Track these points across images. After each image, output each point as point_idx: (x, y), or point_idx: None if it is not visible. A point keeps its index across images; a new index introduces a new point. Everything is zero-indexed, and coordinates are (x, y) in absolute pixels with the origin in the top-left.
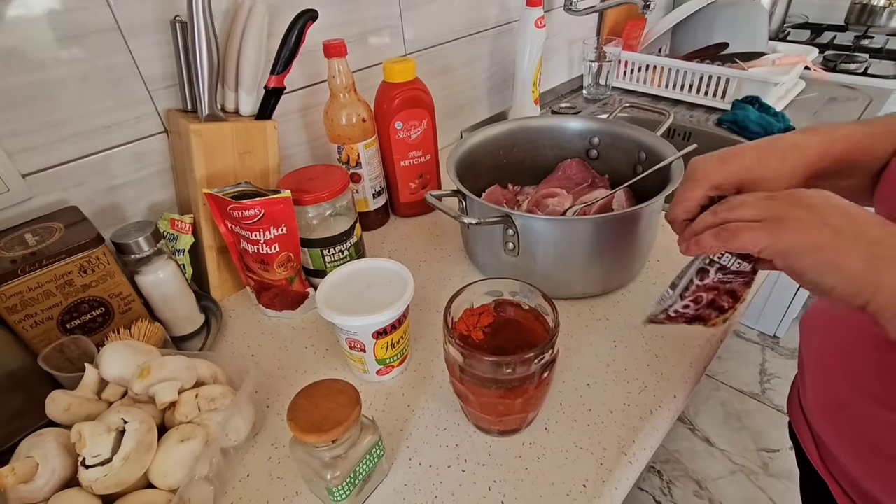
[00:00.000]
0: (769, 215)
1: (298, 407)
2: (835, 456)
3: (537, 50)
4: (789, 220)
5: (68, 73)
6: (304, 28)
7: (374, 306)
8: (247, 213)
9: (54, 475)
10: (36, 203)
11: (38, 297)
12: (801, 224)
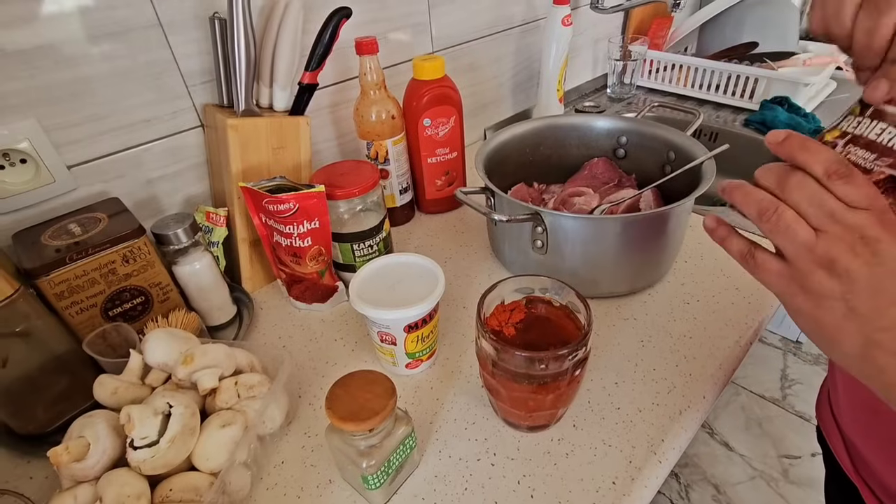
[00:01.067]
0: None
1: (336, 396)
2: (867, 461)
3: (563, 48)
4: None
5: (111, 68)
6: (338, 25)
7: (406, 300)
8: (281, 207)
9: (104, 455)
10: (79, 194)
11: (83, 285)
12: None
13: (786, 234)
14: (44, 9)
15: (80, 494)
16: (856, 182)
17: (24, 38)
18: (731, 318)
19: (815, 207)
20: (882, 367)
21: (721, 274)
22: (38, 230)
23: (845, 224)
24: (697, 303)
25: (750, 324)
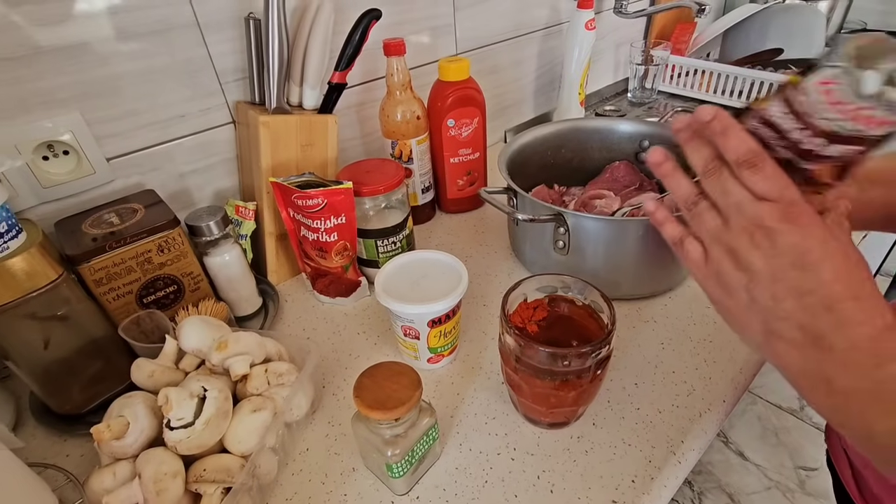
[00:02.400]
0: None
1: (364, 385)
2: (874, 492)
3: (586, 52)
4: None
5: (151, 65)
6: (368, 27)
7: (430, 296)
8: (310, 202)
9: (142, 434)
10: (117, 185)
11: (121, 273)
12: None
13: (699, 223)
14: (91, 7)
15: (118, 471)
16: (764, 172)
17: (72, 34)
18: None
19: (724, 197)
20: (781, 354)
21: None
22: (78, 219)
23: (748, 215)
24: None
25: None
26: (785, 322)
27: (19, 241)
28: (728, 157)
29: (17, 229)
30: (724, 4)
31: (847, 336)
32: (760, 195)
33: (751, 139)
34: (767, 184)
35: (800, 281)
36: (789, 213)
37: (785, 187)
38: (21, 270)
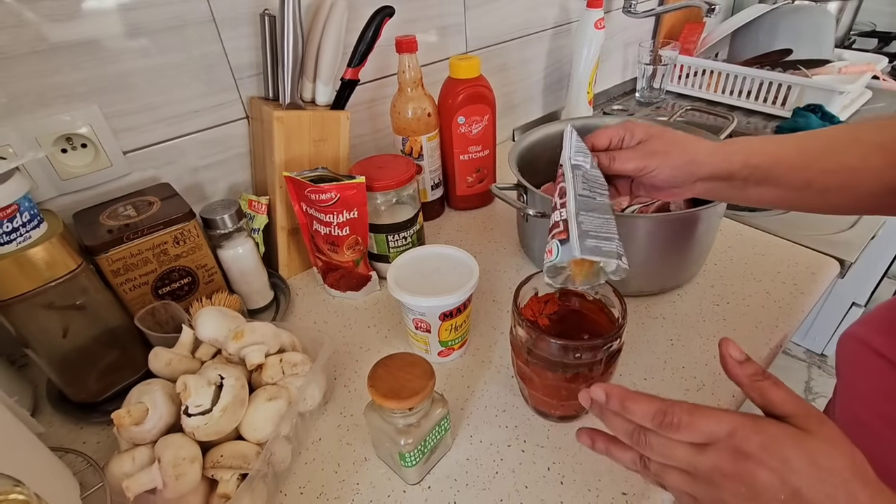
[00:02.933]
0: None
1: (378, 376)
2: None
3: (595, 51)
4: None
5: (167, 61)
6: (381, 24)
7: (441, 289)
8: (323, 197)
9: (161, 420)
10: (133, 178)
11: (137, 263)
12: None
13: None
14: (108, 3)
15: (137, 456)
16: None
17: (90, 30)
18: (762, 321)
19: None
20: None
21: (752, 278)
22: (96, 210)
23: (704, 470)
24: (727, 304)
25: (781, 327)
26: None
27: (40, 231)
28: (647, 425)
29: (38, 219)
30: (733, 4)
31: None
32: (700, 443)
33: (651, 401)
34: (694, 433)
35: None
36: (739, 455)
37: (713, 426)
38: (42, 260)
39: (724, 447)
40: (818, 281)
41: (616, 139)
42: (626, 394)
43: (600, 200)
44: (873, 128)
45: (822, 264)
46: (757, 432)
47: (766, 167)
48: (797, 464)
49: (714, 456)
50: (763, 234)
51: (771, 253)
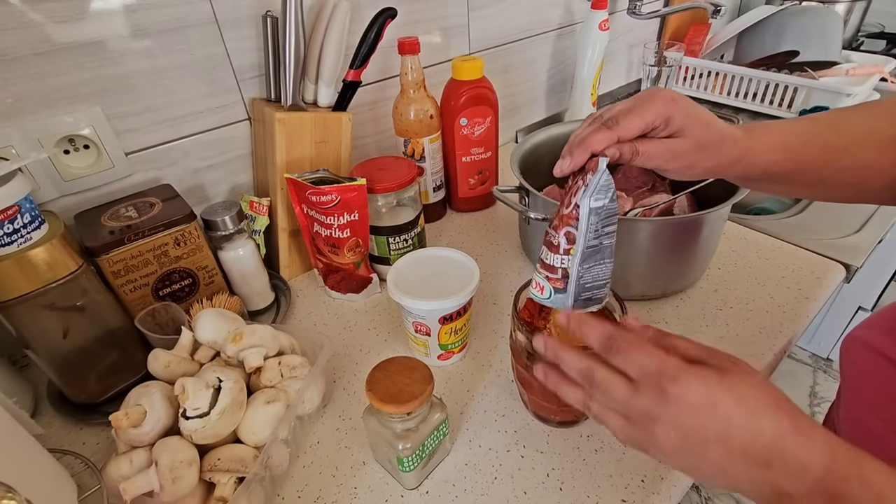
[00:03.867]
0: (630, 416)
1: (376, 379)
2: None
3: (599, 53)
4: (648, 435)
5: (170, 62)
6: (383, 25)
7: (441, 293)
8: (324, 199)
9: (159, 423)
10: (135, 179)
11: (138, 265)
12: (659, 449)
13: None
14: (111, 5)
15: (135, 458)
16: (624, 355)
17: (93, 31)
18: (765, 326)
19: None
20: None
21: (755, 282)
22: (97, 212)
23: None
24: (731, 309)
25: (785, 332)
26: (742, 482)
27: (41, 233)
28: (593, 346)
29: (39, 220)
30: (740, 6)
31: (796, 483)
32: (633, 378)
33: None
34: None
35: (724, 452)
36: (667, 397)
37: (645, 359)
38: (42, 261)
39: (653, 387)
40: (823, 286)
41: (648, 128)
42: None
43: (607, 244)
44: (889, 118)
45: (827, 269)
46: (683, 372)
47: (787, 171)
48: (723, 401)
49: (645, 399)
50: (768, 238)
51: (775, 257)
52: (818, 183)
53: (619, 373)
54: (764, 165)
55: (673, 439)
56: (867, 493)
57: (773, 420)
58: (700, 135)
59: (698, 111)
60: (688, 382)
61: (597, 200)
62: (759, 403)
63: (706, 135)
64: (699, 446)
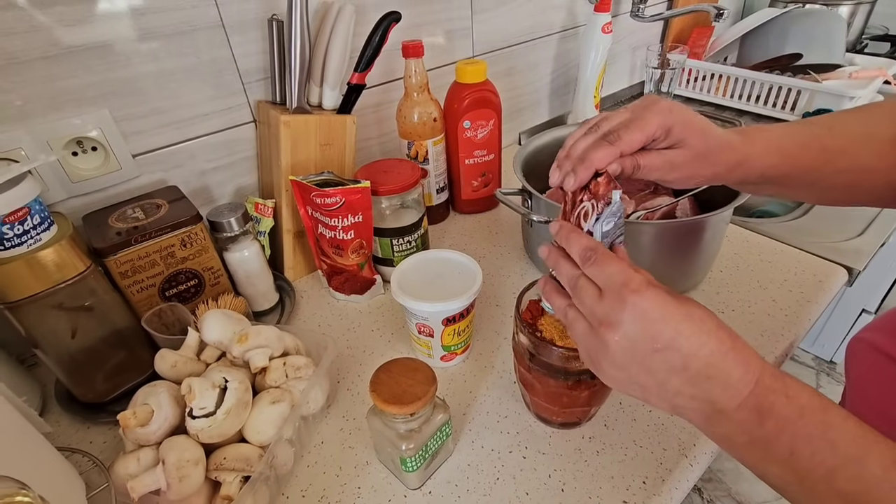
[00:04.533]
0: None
1: (380, 381)
2: None
3: (602, 55)
4: (602, 342)
5: (177, 65)
6: (388, 28)
7: (445, 294)
8: (328, 201)
9: (166, 422)
10: (142, 181)
11: (145, 266)
12: (608, 359)
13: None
14: (119, 8)
15: (142, 457)
16: (599, 266)
17: (101, 35)
18: (767, 329)
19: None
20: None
21: (758, 285)
22: (105, 213)
23: (598, 317)
24: (732, 312)
25: (787, 335)
26: (679, 397)
27: (51, 234)
28: (574, 257)
29: (49, 222)
30: (743, 8)
31: (731, 396)
32: (601, 287)
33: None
34: (600, 273)
35: (668, 363)
36: (624, 304)
37: (612, 274)
38: (52, 262)
39: (615, 295)
40: (825, 289)
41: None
42: (573, 228)
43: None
44: (888, 119)
45: (829, 272)
46: (645, 287)
47: (783, 174)
48: (674, 314)
49: (605, 306)
50: (770, 241)
51: (778, 260)
52: (812, 185)
53: (594, 283)
54: (761, 170)
55: (624, 346)
56: (791, 404)
57: (716, 337)
58: (698, 144)
59: (695, 119)
60: (646, 294)
61: (608, 224)
62: (705, 323)
63: (704, 144)
64: (646, 356)
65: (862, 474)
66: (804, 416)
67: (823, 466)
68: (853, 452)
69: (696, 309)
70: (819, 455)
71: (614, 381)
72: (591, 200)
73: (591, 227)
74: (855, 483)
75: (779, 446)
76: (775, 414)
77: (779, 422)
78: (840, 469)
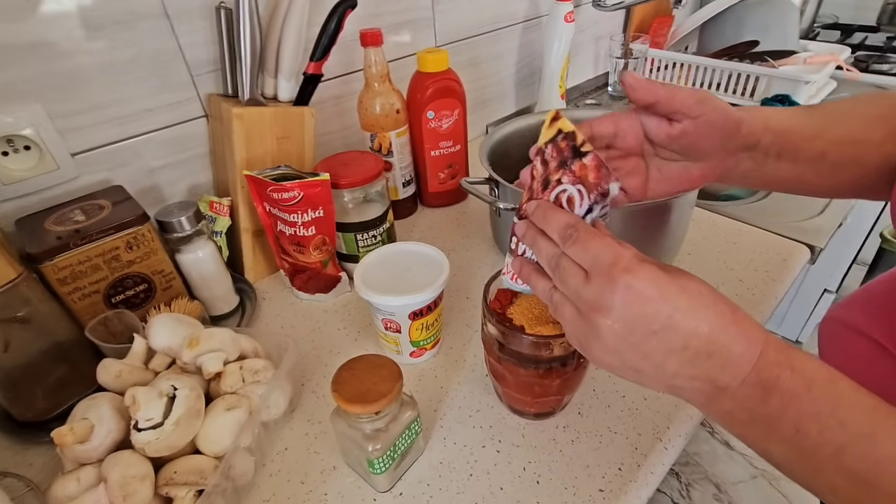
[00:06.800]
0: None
1: (342, 379)
2: None
3: (566, 45)
4: (593, 328)
5: (117, 57)
6: (343, 15)
7: (411, 288)
8: (286, 195)
9: (108, 436)
10: (83, 182)
11: (86, 271)
12: (601, 345)
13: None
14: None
15: (83, 476)
16: (582, 245)
17: (32, 26)
18: None
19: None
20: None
21: (725, 266)
22: (41, 216)
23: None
24: None
25: (755, 314)
26: (678, 378)
27: None
28: (553, 237)
29: None
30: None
31: (734, 373)
32: (587, 269)
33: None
34: (584, 253)
35: (666, 343)
36: (616, 284)
37: (601, 249)
38: None
39: (604, 275)
40: (789, 267)
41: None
42: (549, 205)
43: None
44: (869, 100)
45: (792, 251)
46: (635, 264)
47: (784, 131)
48: (669, 290)
49: (595, 288)
50: (735, 223)
51: (743, 241)
52: (819, 158)
53: (578, 264)
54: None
55: (617, 330)
56: (797, 378)
57: (715, 311)
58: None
59: None
60: (639, 273)
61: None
62: (703, 296)
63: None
64: (642, 338)
65: (872, 452)
66: (811, 391)
67: (831, 444)
68: (864, 429)
69: (691, 281)
70: (827, 433)
71: (607, 367)
72: (577, 186)
73: None
74: (865, 461)
75: (783, 424)
76: (780, 389)
77: (784, 397)
78: (849, 446)
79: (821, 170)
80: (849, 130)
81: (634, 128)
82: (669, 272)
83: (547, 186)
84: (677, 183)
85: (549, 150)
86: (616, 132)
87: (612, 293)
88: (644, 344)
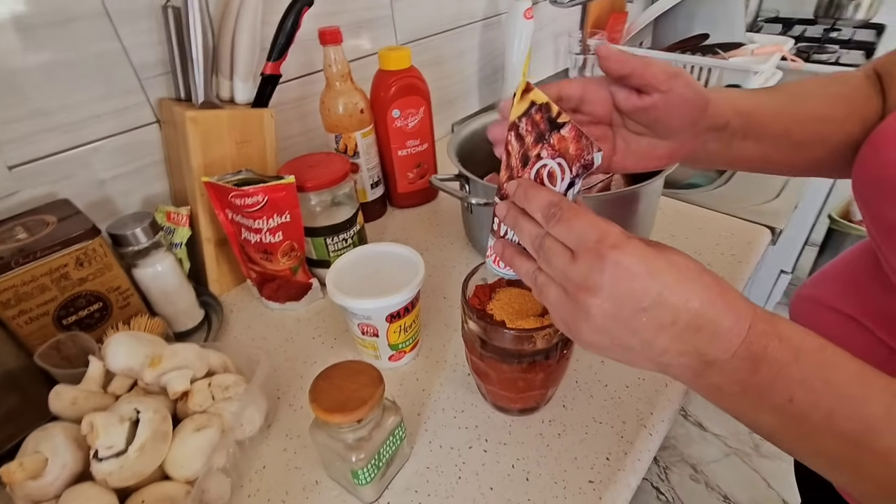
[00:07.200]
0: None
1: (320, 388)
2: None
3: (526, 41)
4: (581, 308)
5: (55, 60)
6: (300, 13)
7: (387, 289)
8: (249, 201)
9: (65, 470)
10: (23, 197)
11: (32, 292)
12: (589, 324)
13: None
14: None
15: None
16: (566, 223)
17: None
18: None
19: (550, 267)
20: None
21: (693, 252)
22: None
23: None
24: None
25: None
26: (667, 355)
27: None
28: (536, 216)
29: None
30: None
31: (723, 347)
32: (567, 244)
33: (550, 193)
34: (569, 232)
35: (656, 320)
36: (605, 262)
37: (583, 232)
38: None
39: (591, 253)
40: (754, 249)
41: None
42: (530, 183)
43: None
44: (829, 81)
45: (755, 233)
46: (623, 240)
47: (749, 111)
48: (656, 265)
49: (582, 267)
50: (699, 210)
51: (708, 227)
52: (784, 137)
53: (562, 243)
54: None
55: (607, 309)
56: (784, 347)
57: (702, 284)
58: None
59: None
60: (627, 249)
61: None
62: (690, 270)
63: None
64: (631, 315)
65: (861, 412)
66: (799, 359)
67: (821, 409)
68: (852, 391)
69: (677, 255)
70: (817, 397)
71: (595, 347)
72: (558, 160)
73: (562, 193)
74: (855, 422)
75: (773, 393)
76: (769, 358)
77: (773, 367)
78: (839, 409)
79: (785, 148)
80: (812, 109)
81: (603, 93)
82: (656, 247)
83: (527, 163)
84: (643, 157)
85: (524, 124)
86: (583, 95)
87: (600, 271)
88: (633, 320)
